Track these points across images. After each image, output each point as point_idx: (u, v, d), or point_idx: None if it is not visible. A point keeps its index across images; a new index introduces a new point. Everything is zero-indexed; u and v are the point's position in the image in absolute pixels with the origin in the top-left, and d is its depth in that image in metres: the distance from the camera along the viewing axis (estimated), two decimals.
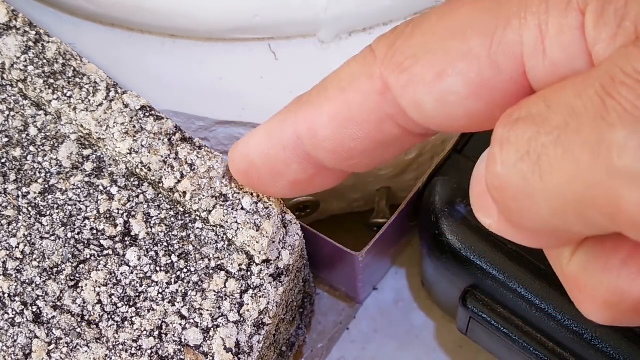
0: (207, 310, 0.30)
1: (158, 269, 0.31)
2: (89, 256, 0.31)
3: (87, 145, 0.32)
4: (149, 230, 0.31)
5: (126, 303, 0.30)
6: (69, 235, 0.31)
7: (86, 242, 0.31)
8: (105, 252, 0.31)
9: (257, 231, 0.30)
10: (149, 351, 0.30)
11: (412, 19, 0.23)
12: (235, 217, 0.31)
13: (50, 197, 0.32)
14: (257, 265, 0.31)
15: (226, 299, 0.30)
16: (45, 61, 0.33)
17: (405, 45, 0.23)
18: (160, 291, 0.31)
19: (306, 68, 0.36)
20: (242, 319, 0.30)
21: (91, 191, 0.32)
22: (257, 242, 0.30)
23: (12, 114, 0.33)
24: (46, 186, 0.32)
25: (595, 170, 0.18)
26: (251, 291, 0.31)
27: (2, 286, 0.31)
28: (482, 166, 0.22)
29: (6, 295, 0.30)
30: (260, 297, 0.30)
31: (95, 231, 0.31)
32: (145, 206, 0.32)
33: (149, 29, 0.36)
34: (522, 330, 0.33)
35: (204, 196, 0.31)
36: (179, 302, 0.30)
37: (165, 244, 0.31)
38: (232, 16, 0.35)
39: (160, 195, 0.32)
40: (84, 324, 0.30)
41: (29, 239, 0.31)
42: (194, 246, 0.31)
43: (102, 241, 0.31)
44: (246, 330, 0.30)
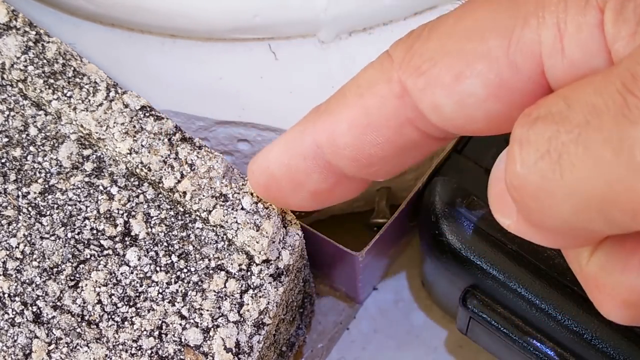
0: (207, 310, 0.30)
1: (158, 269, 0.31)
2: (89, 256, 0.31)
3: (87, 145, 0.32)
4: (149, 230, 0.31)
5: (126, 303, 0.30)
6: (69, 235, 0.31)
7: (86, 242, 0.31)
8: (105, 252, 0.31)
9: (257, 231, 0.30)
10: (149, 351, 0.30)
11: (429, 22, 0.23)
12: (235, 217, 0.31)
13: (50, 197, 0.32)
14: (257, 265, 0.31)
15: (226, 299, 0.30)
16: (45, 61, 0.33)
17: (423, 49, 0.22)
18: (160, 291, 0.31)
19: (306, 68, 0.36)
20: (242, 319, 0.30)
21: (91, 191, 0.32)
22: (257, 242, 0.30)
23: (12, 114, 0.33)
24: (46, 186, 0.32)
25: (617, 168, 0.18)
26: (251, 291, 0.31)
27: (2, 286, 0.31)
28: (501, 166, 0.22)
29: (6, 295, 0.30)
30: (260, 297, 0.30)
31: (95, 231, 0.31)
32: (145, 206, 0.32)
33: (149, 29, 0.36)
34: (522, 330, 0.33)
35: (204, 196, 0.31)
36: (179, 302, 0.30)
37: (165, 244, 0.31)
38: (232, 16, 0.35)
39: (160, 195, 0.32)
40: (84, 324, 0.30)
41: (29, 239, 0.31)
42: (194, 246, 0.31)
43: (102, 241, 0.31)
44: (246, 330, 0.30)
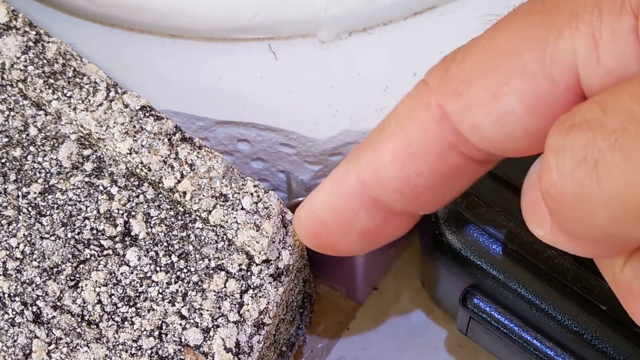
0: (207, 310, 0.30)
1: (158, 269, 0.31)
2: (89, 256, 0.31)
3: (87, 145, 0.32)
4: (149, 230, 0.31)
5: (126, 303, 0.30)
6: (69, 235, 0.31)
7: (86, 242, 0.31)
8: (105, 252, 0.31)
9: (257, 231, 0.30)
10: (149, 351, 0.30)
11: (462, 45, 0.23)
12: (235, 217, 0.31)
13: (50, 197, 0.32)
14: (257, 265, 0.31)
15: (226, 299, 0.30)
16: (45, 61, 0.33)
17: (459, 70, 0.22)
18: (160, 291, 0.31)
19: (306, 68, 0.36)
20: (242, 319, 0.30)
21: (91, 191, 0.32)
22: (257, 242, 0.30)
23: (12, 114, 0.33)
24: (46, 186, 0.32)
25: None
26: (251, 291, 0.31)
27: (2, 286, 0.31)
28: (534, 176, 0.22)
29: (6, 295, 0.30)
30: (260, 297, 0.30)
31: (95, 231, 0.31)
32: (145, 206, 0.32)
33: (149, 29, 0.36)
34: (522, 330, 0.33)
35: (204, 196, 0.31)
36: (179, 302, 0.30)
37: (165, 244, 0.31)
38: (233, 16, 0.35)
39: (160, 195, 0.32)
40: (84, 324, 0.30)
41: (29, 239, 0.31)
42: (194, 246, 0.31)
43: (102, 241, 0.31)
44: (246, 330, 0.30)
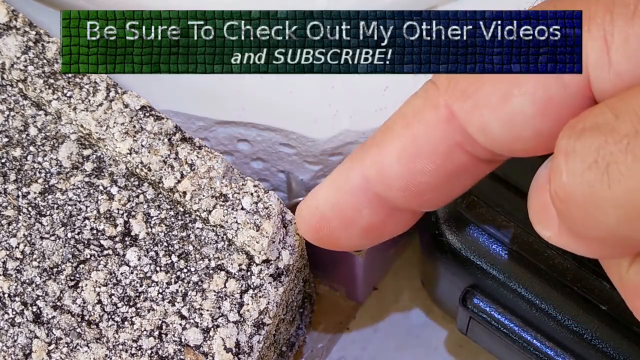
0: (207, 310, 0.30)
1: (158, 269, 0.31)
2: (89, 256, 0.31)
3: (87, 145, 0.32)
4: (149, 230, 0.31)
5: (126, 303, 0.30)
6: (69, 235, 0.31)
7: (86, 242, 0.31)
8: (105, 252, 0.31)
9: (257, 231, 0.30)
10: (149, 351, 0.30)
11: None
12: (235, 217, 0.31)
13: (50, 197, 0.32)
14: (257, 265, 0.31)
15: (226, 299, 0.30)
16: (45, 61, 0.33)
17: None
18: (160, 291, 0.31)
19: None
20: (242, 319, 0.30)
21: (91, 191, 0.32)
22: (257, 242, 0.30)
23: (12, 114, 0.33)
24: (46, 186, 0.32)
25: None
26: (251, 291, 0.31)
27: (2, 286, 0.31)
28: (541, 179, 0.22)
29: (6, 295, 0.30)
30: (260, 297, 0.30)
31: (95, 231, 0.31)
32: (145, 206, 0.32)
33: None
34: (522, 330, 0.33)
35: (204, 196, 0.31)
36: (179, 302, 0.30)
37: (165, 244, 0.31)
38: None
39: (160, 195, 0.32)
40: (84, 324, 0.30)
41: (29, 239, 0.31)
42: (194, 246, 0.31)
43: (102, 241, 0.31)
44: (246, 330, 0.30)
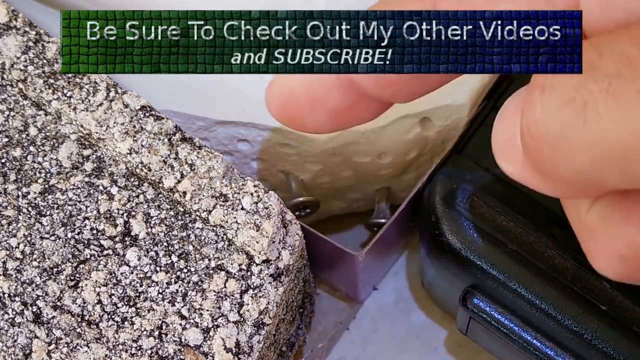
0: (207, 310, 0.30)
1: (158, 269, 0.31)
2: (89, 256, 0.31)
3: (87, 145, 0.32)
4: (149, 230, 0.31)
5: (126, 303, 0.30)
6: (69, 235, 0.31)
7: (86, 242, 0.31)
8: (105, 252, 0.31)
9: (257, 231, 0.30)
10: (149, 351, 0.30)
11: None
12: (235, 217, 0.31)
13: (50, 197, 0.32)
14: (257, 265, 0.31)
15: (226, 299, 0.30)
16: (45, 61, 0.33)
17: None
18: (160, 291, 0.31)
19: None
20: (242, 319, 0.30)
21: (91, 191, 0.32)
22: (257, 242, 0.30)
23: (12, 114, 0.33)
24: (46, 186, 0.32)
25: None
26: (251, 291, 0.31)
27: (2, 286, 0.31)
28: (509, 112, 0.21)
29: (6, 295, 0.30)
30: (260, 297, 0.30)
31: (95, 231, 0.31)
32: (145, 206, 0.32)
33: None
34: (522, 330, 0.33)
35: (204, 196, 0.31)
36: (179, 302, 0.30)
37: (165, 244, 0.31)
38: None
39: (160, 195, 0.32)
40: (84, 324, 0.30)
41: (29, 239, 0.31)
42: (194, 246, 0.31)
43: (102, 241, 0.31)
44: (246, 330, 0.30)
